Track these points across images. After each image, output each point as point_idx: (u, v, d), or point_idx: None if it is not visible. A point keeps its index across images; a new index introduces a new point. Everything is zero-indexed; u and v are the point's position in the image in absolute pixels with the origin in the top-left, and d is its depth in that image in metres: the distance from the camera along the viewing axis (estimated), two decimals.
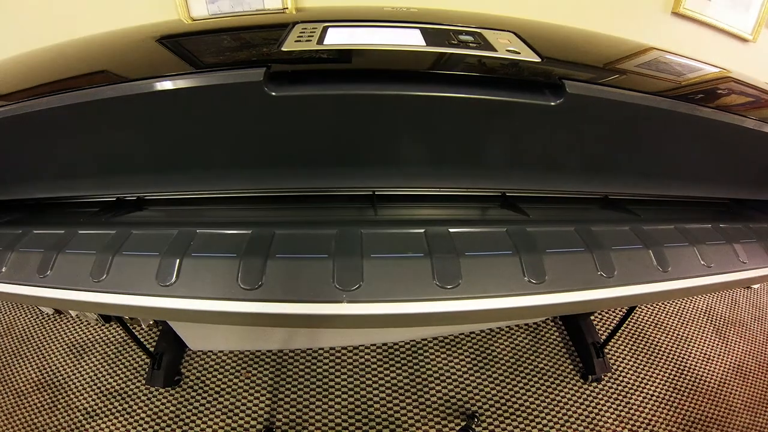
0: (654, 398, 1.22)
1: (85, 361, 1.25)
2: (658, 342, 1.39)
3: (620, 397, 1.21)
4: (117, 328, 1.35)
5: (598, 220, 0.53)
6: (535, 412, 1.16)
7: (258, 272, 0.41)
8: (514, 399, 1.19)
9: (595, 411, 1.17)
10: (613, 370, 1.28)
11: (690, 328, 1.45)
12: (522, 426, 1.13)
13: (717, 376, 1.29)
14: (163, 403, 1.15)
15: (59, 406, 1.13)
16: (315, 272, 0.42)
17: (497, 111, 0.43)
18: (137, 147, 0.46)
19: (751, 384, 1.28)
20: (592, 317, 1.44)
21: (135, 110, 0.42)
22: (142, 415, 1.12)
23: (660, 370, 1.30)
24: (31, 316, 1.40)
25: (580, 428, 1.13)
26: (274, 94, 0.40)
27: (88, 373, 1.22)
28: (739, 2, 1.19)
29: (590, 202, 0.63)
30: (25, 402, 1.14)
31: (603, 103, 0.44)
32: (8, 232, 0.50)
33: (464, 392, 1.20)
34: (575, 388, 1.23)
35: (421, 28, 0.56)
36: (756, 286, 1.66)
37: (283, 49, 0.47)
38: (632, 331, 1.42)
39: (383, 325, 0.44)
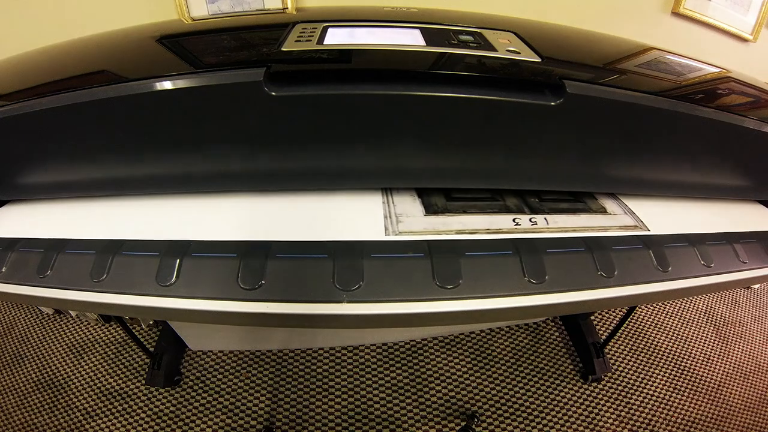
0: (654, 398, 1.22)
1: (85, 361, 1.25)
2: (658, 342, 1.39)
3: (620, 397, 1.21)
4: (117, 328, 1.35)
5: None
6: (535, 412, 1.16)
7: (258, 272, 0.41)
8: (514, 399, 1.19)
9: (595, 411, 1.17)
10: (613, 370, 1.28)
11: (690, 328, 1.45)
12: (522, 426, 1.13)
13: (717, 376, 1.29)
14: (163, 403, 1.15)
15: (59, 406, 1.13)
16: (315, 272, 0.42)
17: (497, 111, 0.43)
18: (137, 147, 0.46)
19: (751, 384, 1.28)
20: (592, 317, 1.44)
21: (135, 110, 0.42)
22: (142, 415, 1.12)
23: (660, 370, 1.30)
24: (31, 316, 1.40)
25: (580, 428, 1.13)
26: (274, 93, 0.40)
27: (88, 373, 1.22)
28: (739, 2, 1.19)
29: None
30: (25, 402, 1.14)
31: (603, 102, 0.44)
32: None
33: (464, 392, 1.20)
34: (575, 388, 1.23)
35: (421, 28, 0.56)
36: (756, 286, 1.66)
37: (283, 49, 0.47)
38: (632, 331, 1.42)
39: (383, 325, 0.44)
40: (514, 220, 0.50)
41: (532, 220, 0.50)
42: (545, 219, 0.51)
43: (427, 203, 0.52)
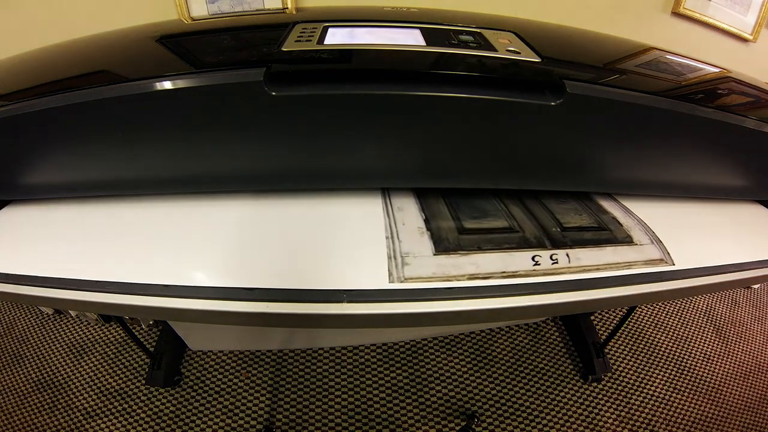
0: (654, 398, 1.22)
1: (85, 361, 1.25)
2: (658, 342, 1.39)
3: (620, 397, 1.21)
4: (117, 328, 1.35)
5: None
6: (535, 412, 1.16)
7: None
8: (514, 399, 1.19)
9: (595, 411, 1.17)
10: (613, 370, 1.28)
11: (690, 328, 1.45)
12: (522, 426, 1.13)
13: (717, 376, 1.29)
14: (163, 403, 1.15)
15: (59, 406, 1.13)
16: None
17: (497, 111, 0.43)
18: (136, 148, 0.46)
19: (751, 384, 1.28)
20: (592, 317, 1.44)
21: (135, 110, 0.42)
22: (142, 415, 1.12)
23: (660, 370, 1.30)
24: (31, 316, 1.40)
25: (580, 428, 1.13)
26: (274, 94, 0.40)
27: (88, 373, 1.22)
28: (739, 2, 1.19)
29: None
30: (25, 402, 1.14)
31: (603, 102, 0.44)
32: None
33: (464, 392, 1.20)
34: (575, 388, 1.23)
35: (421, 28, 0.56)
36: (756, 286, 1.66)
37: (284, 49, 0.47)
38: (632, 331, 1.42)
39: (383, 325, 0.44)
40: (533, 258, 0.45)
41: (553, 257, 0.46)
42: (567, 256, 0.46)
43: (437, 237, 0.46)
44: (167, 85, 0.40)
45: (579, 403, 1.19)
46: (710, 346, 1.39)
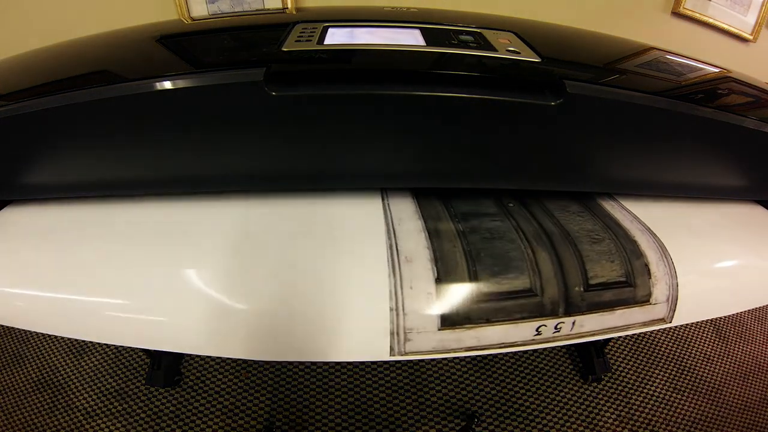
0: (654, 398, 1.22)
1: (85, 361, 1.25)
2: (658, 342, 1.39)
3: (620, 397, 1.21)
4: None
5: None
6: (535, 413, 1.16)
7: None
8: (514, 399, 1.19)
9: (595, 411, 1.17)
10: (613, 370, 1.28)
11: (690, 328, 1.45)
12: (522, 426, 1.13)
13: (717, 376, 1.29)
14: (163, 403, 1.15)
15: (59, 406, 1.13)
16: None
17: (497, 111, 0.43)
18: (135, 148, 0.46)
19: (751, 384, 1.28)
20: None
21: (134, 110, 0.42)
22: (142, 415, 1.12)
23: (660, 370, 1.30)
24: None
25: (580, 428, 1.13)
26: (274, 93, 0.40)
27: (88, 373, 1.22)
28: (739, 2, 1.19)
29: None
30: (25, 402, 1.14)
31: (603, 102, 0.44)
32: None
33: (464, 392, 1.20)
34: (575, 388, 1.23)
35: (421, 28, 0.56)
36: None
37: (284, 49, 0.47)
38: None
39: None
40: (537, 329, 0.41)
41: (558, 326, 0.41)
42: (573, 324, 0.41)
43: (448, 306, 0.40)
44: (167, 85, 0.40)
45: (579, 403, 1.19)
46: (710, 346, 1.39)
